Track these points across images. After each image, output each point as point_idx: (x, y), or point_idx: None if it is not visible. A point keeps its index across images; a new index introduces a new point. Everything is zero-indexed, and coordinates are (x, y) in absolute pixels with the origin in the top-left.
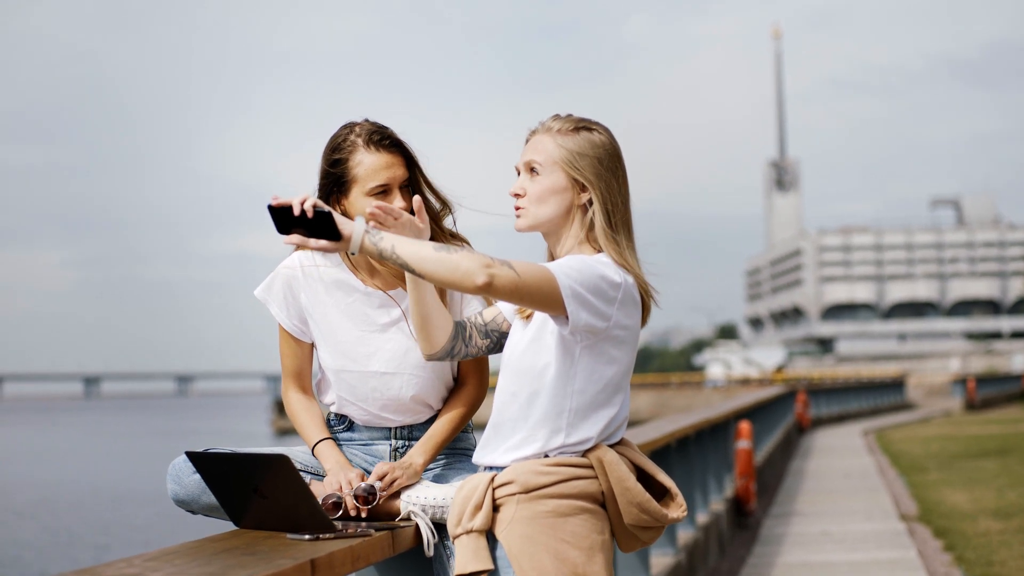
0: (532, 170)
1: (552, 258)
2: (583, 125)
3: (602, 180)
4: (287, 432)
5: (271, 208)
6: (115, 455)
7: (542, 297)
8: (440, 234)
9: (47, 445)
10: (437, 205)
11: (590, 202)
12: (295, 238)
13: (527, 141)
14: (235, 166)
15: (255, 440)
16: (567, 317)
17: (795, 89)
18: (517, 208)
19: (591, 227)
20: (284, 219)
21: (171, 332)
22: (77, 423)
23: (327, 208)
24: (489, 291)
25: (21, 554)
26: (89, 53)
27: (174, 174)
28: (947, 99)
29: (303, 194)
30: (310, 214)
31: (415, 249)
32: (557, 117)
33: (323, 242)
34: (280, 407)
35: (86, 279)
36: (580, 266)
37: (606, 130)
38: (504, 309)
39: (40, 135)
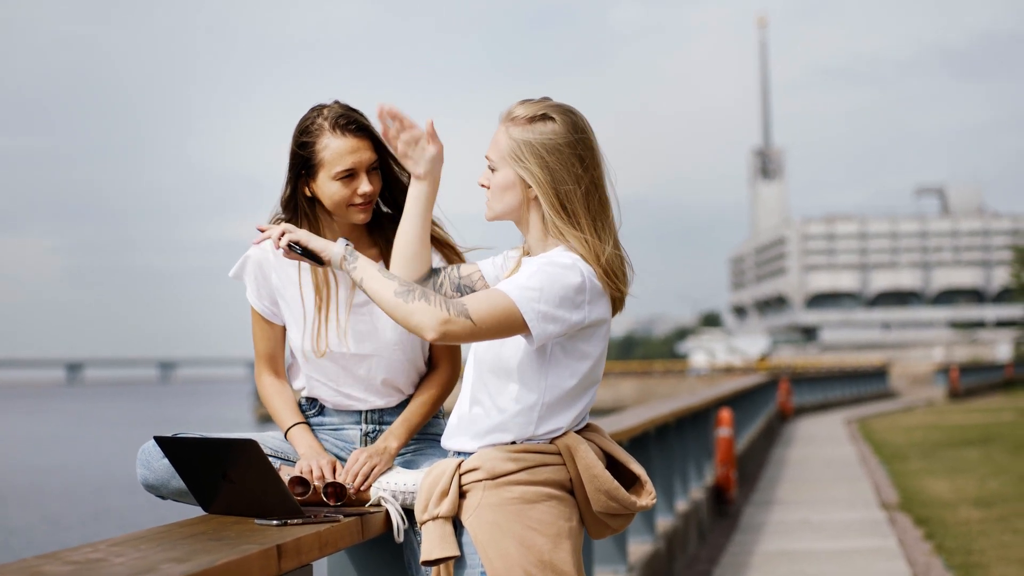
0: (489, 166)
1: (526, 250)
2: (540, 114)
3: (549, 173)
4: (270, 419)
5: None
6: (98, 442)
7: (503, 331)
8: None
9: (30, 432)
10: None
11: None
12: (290, 253)
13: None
14: (224, 154)
15: (238, 427)
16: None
17: (783, 78)
18: (487, 200)
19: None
20: None
21: (154, 319)
22: (60, 410)
23: (301, 243)
24: (443, 342)
25: (5, 539)
26: (81, 39)
27: (163, 162)
28: (936, 89)
29: (283, 227)
30: (284, 254)
31: (378, 288)
32: (522, 103)
33: (310, 261)
34: None
35: (73, 266)
36: (541, 281)
37: (567, 117)
38: (486, 273)
39: (30, 121)
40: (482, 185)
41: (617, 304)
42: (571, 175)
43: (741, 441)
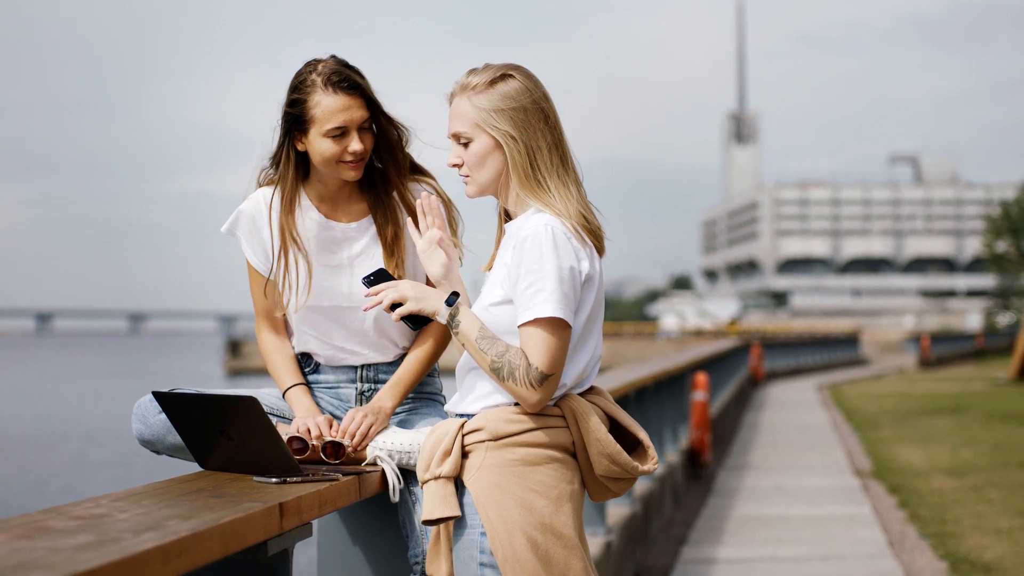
0: (460, 140)
1: (506, 213)
2: (498, 76)
3: (521, 130)
4: (240, 373)
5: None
6: (72, 394)
7: (566, 345)
8: (402, 167)
9: (2, 383)
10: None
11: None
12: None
13: (449, 103)
14: (196, 108)
15: (208, 381)
16: None
17: (760, 44)
18: (464, 177)
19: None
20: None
21: (125, 270)
22: (30, 360)
23: (412, 312)
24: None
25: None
26: None
27: (136, 115)
28: (913, 58)
29: (391, 295)
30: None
31: (476, 358)
32: (472, 72)
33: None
34: (233, 347)
35: (44, 216)
36: (545, 281)
37: (523, 72)
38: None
39: (1, 73)
40: (454, 166)
41: (599, 251)
42: (538, 131)
43: (714, 405)
